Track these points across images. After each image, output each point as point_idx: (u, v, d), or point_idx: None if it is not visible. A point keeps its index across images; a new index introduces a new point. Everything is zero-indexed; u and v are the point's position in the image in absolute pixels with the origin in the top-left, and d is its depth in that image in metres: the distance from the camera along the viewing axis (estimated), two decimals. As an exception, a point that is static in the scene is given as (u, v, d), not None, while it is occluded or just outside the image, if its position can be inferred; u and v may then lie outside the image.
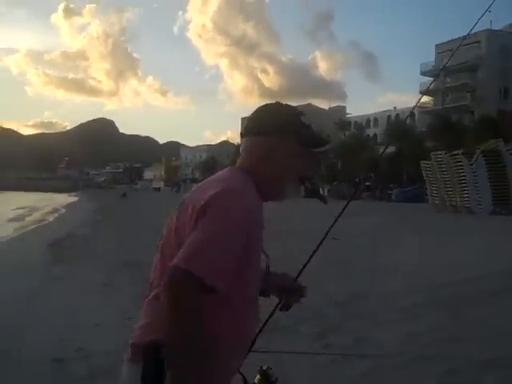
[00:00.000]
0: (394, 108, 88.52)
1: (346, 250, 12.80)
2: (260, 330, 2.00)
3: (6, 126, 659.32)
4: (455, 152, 31.31)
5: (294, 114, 1.88)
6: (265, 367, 2.02)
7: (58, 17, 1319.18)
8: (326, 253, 2.01)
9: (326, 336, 6.04)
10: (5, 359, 5.51)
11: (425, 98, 76.21)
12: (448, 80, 71.06)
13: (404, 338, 5.90)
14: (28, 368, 5.26)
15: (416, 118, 74.04)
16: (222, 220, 1.63)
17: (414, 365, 5.07)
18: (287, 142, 1.82)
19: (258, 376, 1.99)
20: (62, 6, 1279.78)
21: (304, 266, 2.03)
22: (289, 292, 2.07)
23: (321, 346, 5.65)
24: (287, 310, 2.08)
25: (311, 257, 2.01)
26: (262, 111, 1.91)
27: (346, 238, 13.60)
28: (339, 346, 5.65)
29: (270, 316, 2.04)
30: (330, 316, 6.97)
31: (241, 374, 1.89)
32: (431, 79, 73.42)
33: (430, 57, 76.88)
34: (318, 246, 2.01)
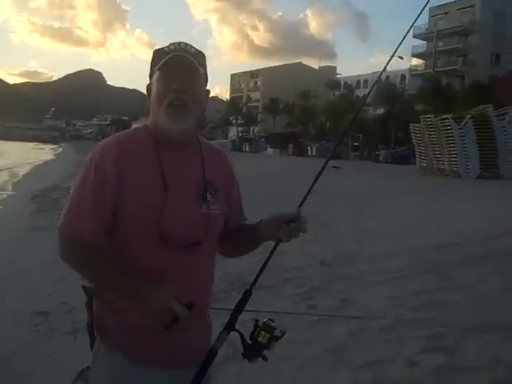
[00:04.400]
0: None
1: (331, 211, 12.78)
2: (255, 280, 1.74)
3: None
4: (445, 116, 31.17)
5: (158, 48, 1.86)
6: (265, 320, 1.71)
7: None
8: (311, 212, 1.88)
9: (312, 297, 6.02)
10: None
11: (416, 61, 75.72)
12: (440, 44, 70.47)
13: (389, 300, 5.90)
14: (11, 320, 5.20)
15: (406, 80, 73.53)
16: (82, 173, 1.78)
17: (399, 328, 5.06)
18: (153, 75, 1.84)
19: (261, 332, 1.67)
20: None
21: (307, 193, 1.85)
22: (292, 222, 1.79)
23: (306, 307, 5.63)
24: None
25: (312, 186, 1.84)
26: None
27: (331, 197, 13.60)
28: (325, 307, 5.63)
29: (266, 263, 1.75)
30: (315, 277, 6.95)
31: (237, 331, 1.70)
32: (424, 42, 72.75)
33: (423, 19, 76.23)
34: (317, 177, 1.87)
